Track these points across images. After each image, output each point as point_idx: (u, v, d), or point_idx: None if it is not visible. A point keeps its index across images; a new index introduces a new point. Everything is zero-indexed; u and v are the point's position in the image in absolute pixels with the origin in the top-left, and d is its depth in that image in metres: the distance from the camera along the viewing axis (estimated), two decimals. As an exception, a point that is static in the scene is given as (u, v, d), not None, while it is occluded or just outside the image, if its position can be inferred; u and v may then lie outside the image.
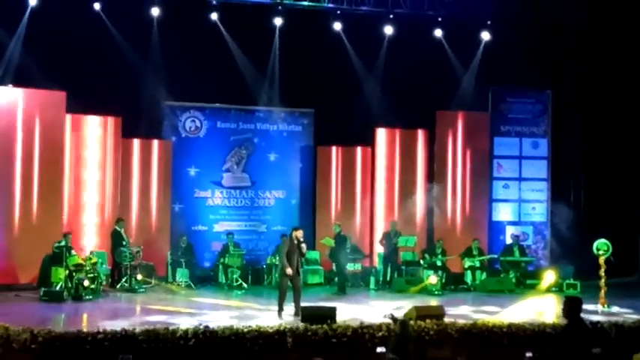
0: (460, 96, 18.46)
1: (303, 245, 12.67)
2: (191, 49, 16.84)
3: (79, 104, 16.17)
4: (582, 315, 7.67)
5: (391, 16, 17.85)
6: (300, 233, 12.82)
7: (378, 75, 18.22)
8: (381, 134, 18.45)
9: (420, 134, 18.53)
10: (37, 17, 16.10)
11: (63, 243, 14.95)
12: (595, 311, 13.43)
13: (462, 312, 13.06)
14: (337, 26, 17.78)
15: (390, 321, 10.25)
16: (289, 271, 12.55)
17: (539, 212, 18.69)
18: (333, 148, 18.51)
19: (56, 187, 15.94)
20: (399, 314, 11.06)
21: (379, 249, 17.51)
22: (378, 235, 17.72)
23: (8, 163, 15.59)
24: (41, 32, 16.01)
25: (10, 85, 15.82)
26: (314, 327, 10.34)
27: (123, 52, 16.58)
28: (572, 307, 7.51)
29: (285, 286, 12.65)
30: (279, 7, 17.41)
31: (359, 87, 18.09)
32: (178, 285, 16.06)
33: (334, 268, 16.76)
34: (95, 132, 16.75)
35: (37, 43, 15.96)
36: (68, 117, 16.30)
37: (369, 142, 18.44)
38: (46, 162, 15.82)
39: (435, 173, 18.43)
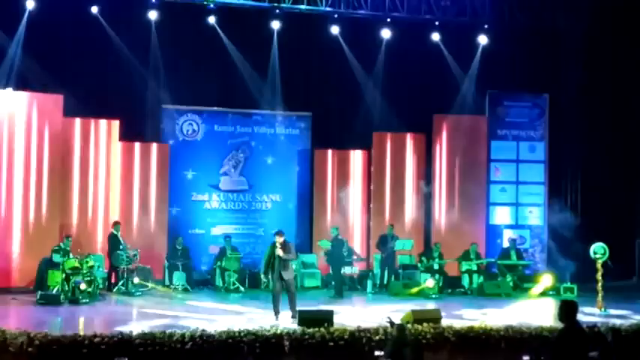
0: (457, 100, 18.47)
1: (279, 250, 12.64)
2: (188, 52, 16.88)
3: (77, 107, 16.14)
4: (579, 319, 7.63)
5: (388, 19, 17.86)
6: (277, 238, 12.79)
7: (375, 79, 18.23)
8: (379, 138, 18.43)
9: (417, 138, 18.51)
10: (35, 20, 16.05)
11: (62, 246, 14.95)
12: (592, 315, 13.40)
13: (459, 316, 13.04)
14: (335, 30, 17.78)
15: (387, 324, 10.22)
16: (263, 276, 12.65)
17: (536, 216, 18.69)
18: (331, 152, 18.49)
19: (54, 190, 15.92)
20: (396, 318, 11.02)
21: (376, 252, 17.48)
22: (375, 238, 17.70)
23: (6, 166, 15.59)
24: (39, 36, 15.99)
25: (9, 89, 15.77)
26: (311, 330, 10.29)
27: (120, 55, 16.59)
28: (567, 311, 7.42)
29: (276, 290, 12.67)
30: (277, 11, 17.40)
31: (356, 91, 18.10)
32: (175, 288, 16.04)
33: (331, 271, 16.73)
34: (93, 135, 16.70)
35: (35, 46, 15.93)
36: (65, 120, 16.26)
37: (367, 145, 18.43)
38: (44, 165, 15.82)
39: (433, 177, 18.44)
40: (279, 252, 12.63)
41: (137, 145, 17.26)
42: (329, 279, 16.94)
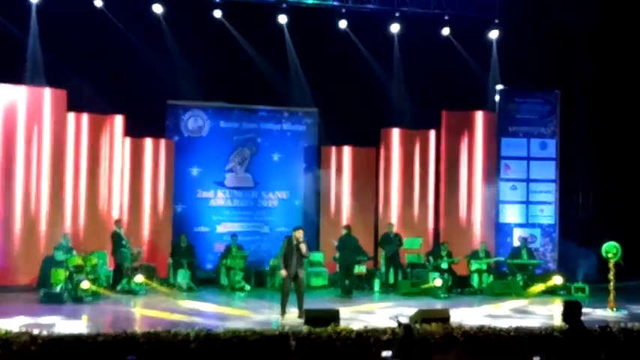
0: (467, 96, 18.27)
1: (303, 246, 12.45)
2: (194, 47, 16.72)
3: (81, 103, 16.07)
4: (592, 319, 7.52)
5: (397, 14, 17.68)
6: (299, 234, 12.58)
7: (383, 74, 18.09)
8: (387, 134, 18.28)
9: (427, 134, 18.35)
10: (40, 15, 16.01)
11: (64, 243, 14.84)
12: (604, 315, 13.26)
13: (468, 315, 12.85)
14: (342, 24, 17.62)
15: (394, 324, 10.06)
16: (283, 272, 12.55)
17: (547, 214, 18.46)
18: (338, 149, 18.34)
19: (57, 187, 15.82)
20: (404, 317, 10.86)
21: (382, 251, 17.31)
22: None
23: (9, 162, 15.50)
24: (44, 30, 15.92)
25: (12, 84, 15.65)
26: (317, 330, 10.19)
27: (125, 50, 16.45)
28: (571, 312, 7.40)
29: (287, 288, 12.51)
30: (283, 5, 17.24)
31: (364, 86, 17.92)
32: (179, 287, 15.89)
33: (338, 269, 16.51)
34: (97, 131, 16.63)
35: (40, 40, 15.85)
36: (70, 115, 16.17)
37: (375, 142, 18.29)
38: (47, 161, 15.73)
39: (442, 174, 18.27)
40: (303, 248, 12.43)
41: (142, 141, 17.17)
42: (335, 277, 16.76)
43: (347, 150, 18.35)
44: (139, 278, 15.30)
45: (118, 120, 16.71)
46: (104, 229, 16.33)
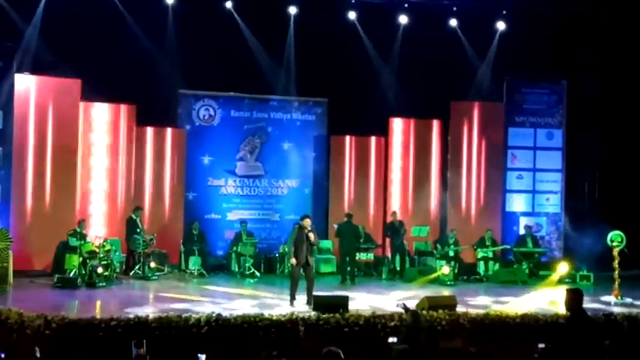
0: (475, 86, 18.37)
1: (311, 234, 12.63)
2: (206, 37, 16.83)
3: (94, 92, 16.18)
4: (596, 306, 7.64)
5: (406, 5, 17.75)
6: (307, 222, 12.73)
7: (392, 64, 18.14)
8: (396, 124, 18.39)
9: (435, 124, 18.46)
10: (53, 4, 16.06)
11: (78, 230, 15.05)
12: (608, 303, 13.39)
13: (474, 303, 13.02)
14: (352, 15, 17.71)
15: (402, 310, 10.24)
16: (293, 261, 12.66)
17: (553, 203, 18.60)
18: (347, 138, 18.46)
19: (70, 175, 16.02)
20: (411, 304, 11.03)
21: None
22: (391, 225, 17.69)
23: (23, 150, 15.68)
24: (56, 20, 15.98)
25: (27, 73, 15.83)
26: (326, 316, 10.33)
27: (138, 39, 16.54)
28: (573, 299, 7.47)
29: (297, 275, 12.66)
30: (294, -5, 17.35)
31: (373, 76, 18.01)
32: (191, 273, 16.11)
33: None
34: (109, 120, 16.76)
35: (53, 30, 15.93)
36: (83, 105, 16.34)
37: (384, 131, 18.39)
38: (61, 150, 15.92)
39: (449, 163, 18.38)
40: (312, 236, 12.61)
41: (153, 130, 17.31)
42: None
43: (355, 139, 18.47)
44: (152, 264, 15.55)
45: (131, 109, 16.85)
46: (116, 217, 16.57)
